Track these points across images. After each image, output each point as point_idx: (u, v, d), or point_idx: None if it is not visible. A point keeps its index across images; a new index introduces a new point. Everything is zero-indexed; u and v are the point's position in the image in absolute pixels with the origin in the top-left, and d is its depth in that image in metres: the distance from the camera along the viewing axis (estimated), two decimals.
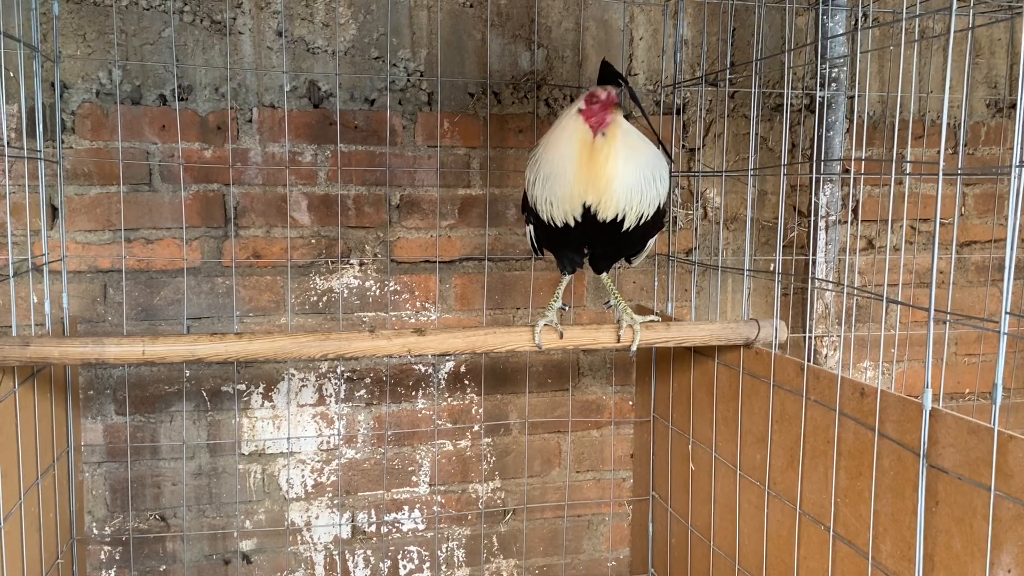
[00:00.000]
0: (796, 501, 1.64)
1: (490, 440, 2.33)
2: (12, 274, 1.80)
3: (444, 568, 2.34)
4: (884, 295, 1.44)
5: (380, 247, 2.18)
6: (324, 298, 2.17)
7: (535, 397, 2.34)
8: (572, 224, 1.60)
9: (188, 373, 2.11)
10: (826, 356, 2.23)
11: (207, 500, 2.15)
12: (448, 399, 2.28)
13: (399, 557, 2.31)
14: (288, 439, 2.18)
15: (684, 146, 2.34)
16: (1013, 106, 2.51)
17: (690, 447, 2.08)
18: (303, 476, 2.21)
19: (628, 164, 1.56)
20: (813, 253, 2.20)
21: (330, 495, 2.23)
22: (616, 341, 1.76)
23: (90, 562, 2.10)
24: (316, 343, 1.64)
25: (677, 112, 2.30)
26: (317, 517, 2.23)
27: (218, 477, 2.16)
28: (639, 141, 1.61)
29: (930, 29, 2.41)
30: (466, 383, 2.29)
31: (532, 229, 1.76)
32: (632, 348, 1.76)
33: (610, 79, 1.60)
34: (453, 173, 2.20)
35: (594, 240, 1.67)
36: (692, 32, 2.29)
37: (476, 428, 2.31)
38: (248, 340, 1.62)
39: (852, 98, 2.15)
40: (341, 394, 2.21)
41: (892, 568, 1.37)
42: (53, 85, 1.93)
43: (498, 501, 2.36)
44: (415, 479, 2.29)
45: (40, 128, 1.86)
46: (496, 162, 2.22)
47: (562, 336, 1.74)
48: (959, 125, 2.37)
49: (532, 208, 1.67)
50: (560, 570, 2.42)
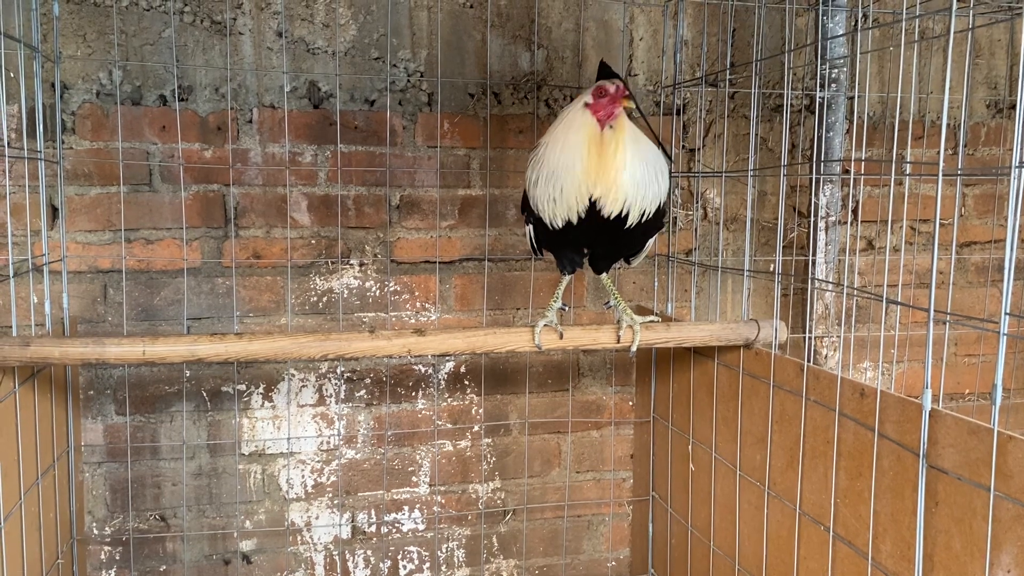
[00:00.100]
0: (796, 501, 1.64)
1: (490, 440, 2.33)
2: (12, 274, 1.80)
3: (444, 568, 2.34)
4: (884, 296, 1.44)
5: (380, 247, 2.18)
6: (324, 298, 2.17)
7: (535, 397, 2.34)
8: (575, 221, 1.60)
9: (188, 373, 2.11)
10: (826, 356, 2.23)
11: (207, 500, 2.16)
12: (448, 399, 2.28)
13: (399, 557, 2.31)
14: (288, 439, 2.18)
15: (684, 146, 2.34)
16: (1013, 107, 2.51)
17: (690, 447, 2.08)
18: (303, 476, 2.21)
19: (635, 158, 1.57)
20: (813, 253, 2.20)
21: (330, 495, 2.23)
22: (616, 341, 1.76)
23: (90, 562, 2.10)
24: (316, 343, 1.64)
25: (677, 113, 2.30)
26: (317, 517, 2.23)
27: (218, 477, 2.16)
28: (644, 137, 1.62)
29: (930, 30, 2.41)
30: (466, 383, 2.29)
31: (532, 229, 1.76)
32: (632, 348, 1.76)
33: (608, 79, 1.61)
34: (453, 173, 2.20)
35: (594, 240, 1.68)
36: (692, 33, 2.29)
37: (476, 428, 2.31)
38: (248, 340, 1.62)
39: (852, 99, 2.15)
40: (341, 394, 2.21)
41: (892, 568, 1.37)
42: (53, 85, 1.93)
43: (498, 501, 2.36)
44: (415, 479, 2.29)
45: (40, 128, 1.86)
46: (496, 163, 2.22)
47: (562, 336, 1.74)
48: (959, 126, 2.37)
49: (533, 208, 1.67)
50: (560, 570, 2.42)
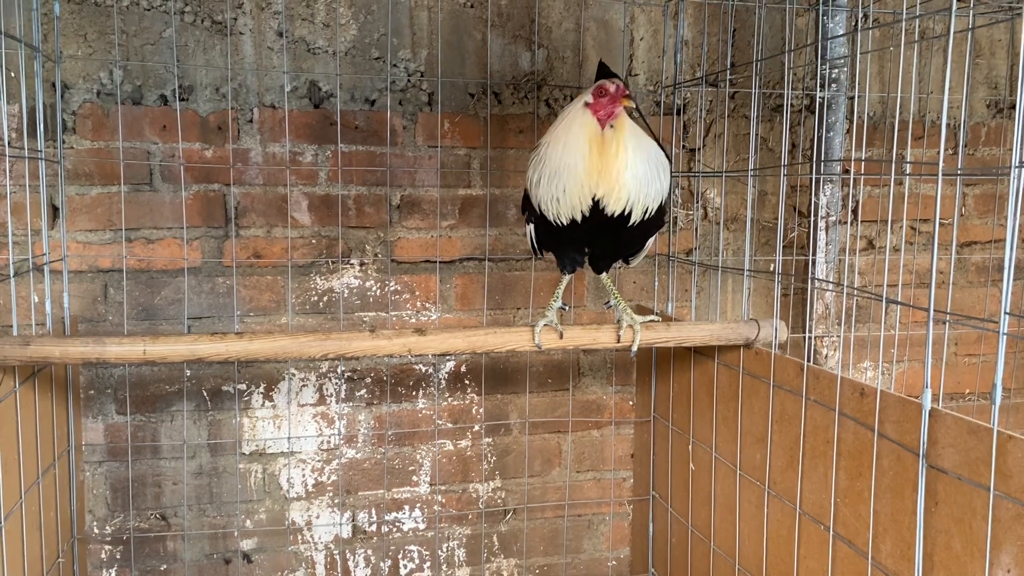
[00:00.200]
0: (796, 501, 1.64)
1: (490, 440, 2.33)
2: (13, 274, 1.81)
3: (445, 567, 2.34)
4: (884, 295, 1.44)
5: (380, 247, 2.18)
6: (325, 298, 2.17)
7: (535, 397, 2.34)
8: (579, 220, 1.60)
9: (189, 373, 2.11)
10: (826, 356, 2.23)
11: (208, 499, 2.16)
12: (448, 399, 2.28)
13: (400, 556, 2.31)
14: (289, 439, 2.19)
15: (684, 146, 2.35)
16: (1013, 107, 2.51)
17: (690, 447, 2.09)
18: (304, 476, 2.21)
19: (637, 156, 1.57)
20: (813, 253, 2.20)
21: (331, 494, 2.24)
22: (616, 341, 1.77)
23: (91, 561, 2.10)
24: (317, 343, 1.64)
25: (677, 112, 2.30)
26: (318, 516, 2.24)
27: (219, 476, 2.16)
28: (644, 135, 1.62)
29: (930, 30, 2.41)
30: (466, 383, 2.29)
31: (533, 229, 1.76)
32: (633, 348, 1.76)
33: (609, 79, 1.61)
34: (453, 173, 2.20)
35: (596, 238, 1.67)
36: (692, 33, 2.29)
37: (476, 428, 2.31)
38: (249, 340, 1.63)
39: (852, 99, 2.15)
40: (342, 394, 2.21)
41: (892, 568, 1.37)
42: (54, 85, 1.93)
43: (499, 501, 2.36)
44: (416, 479, 2.29)
45: (41, 128, 1.86)
46: (496, 162, 2.22)
47: (562, 336, 1.74)
48: (959, 126, 2.37)
49: (535, 207, 1.67)
50: (560, 570, 2.42)
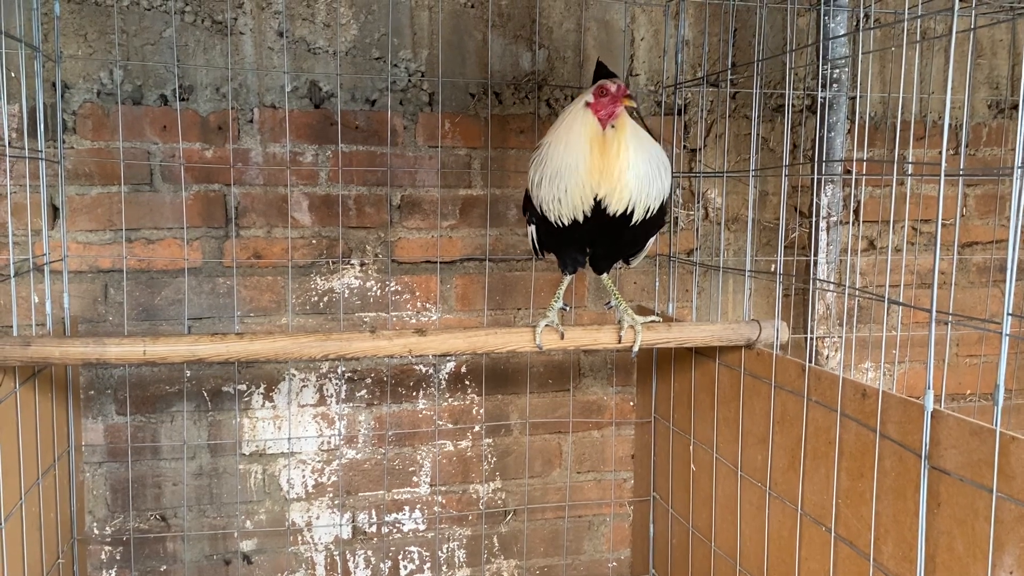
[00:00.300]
0: (797, 502, 1.63)
1: (491, 440, 2.33)
2: (13, 274, 1.80)
3: (445, 568, 2.34)
4: (886, 296, 1.44)
5: (381, 247, 2.18)
6: (325, 298, 2.16)
7: (536, 398, 2.34)
8: (580, 220, 1.60)
9: (189, 373, 2.11)
10: (827, 357, 2.23)
11: (208, 500, 2.15)
12: (449, 399, 2.28)
13: (400, 557, 2.31)
14: (289, 439, 2.18)
15: (685, 147, 2.34)
16: (1015, 107, 2.51)
17: (691, 448, 2.08)
18: (304, 476, 2.21)
19: (639, 155, 1.57)
20: (814, 254, 2.20)
21: (331, 495, 2.23)
22: (617, 342, 1.76)
23: (91, 562, 2.10)
24: (317, 343, 1.64)
25: (678, 113, 2.30)
26: (318, 517, 2.23)
27: (219, 477, 2.16)
28: (645, 134, 1.62)
29: (931, 30, 2.41)
30: (467, 383, 2.29)
31: (534, 230, 1.75)
32: (634, 349, 1.76)
33: (610, 79, 1.61)
34: (454, 173, 2.20)
35: (598, 238, 1.67)
36: (693, 33, 2.29)
37: (477, 428, 2.31)
38: (249, 340, 1.62)
39: (853, 99, 2.14)
40: (342, 394, 2.21)
41: (893, 570, 1.37)
42: (54, 85, 1.93)
43: (499, 501, 2.36)
44: (416, 479, 2.29)
45: (41, 128, 1.86)
46: (497, 162, 2.22)
47: (563, 337, 1.74)
48: (960, 126, 2.36)
49: (537, 208, 1.66)
50: (561, 571, 2.42)
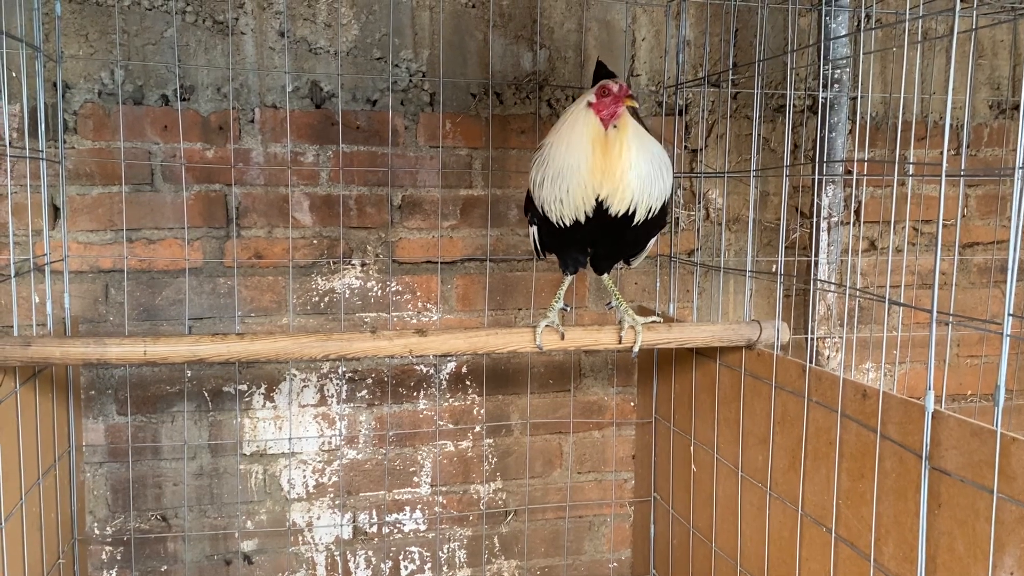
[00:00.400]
0: (798, 503, 1.63)
1: (491, 441, 2.33)
2: (14, 274, 1.80)
3: (445, 569, 2.34)
4: (886, 296, 1.44)
5: (382, 247, 2.18)
6: (326, 298, 2.16)
7: (536, 398, 2.34)
8: (582, 220, 1.60)
9: (190, 373, 2.11)
10: (828, 357, 2.23)
11: (208, 500, 2.15)
12: (449, 400, 2.28)
13: (400, 558, 2.31)
14: (290, 439, 2.18)
15: (686, 147, 2.34)
16: (1016, 107, 2.51)
17: (692, 448, 2.08)
18: (304, 476, 2.21)
19: (641, 155, 1.56)
20: (815, 254, 2.20)
21: (331, 495, 2.23)
22: (618, 342, 1.76)
23: (91, 562, 2.10)
24: (318, 344, 1.64)
25: (679, 113, 2.30)
26: (318, 517, 2.23)
27: (219, 477, 2.16)
28: (646, 134, 1.62)
29: (932, 30, 2.41)
30: (467, 384, 2.29)
31: (535, 230, 1.75)
32: (634, 349, 1.76)
33: (612, 79, 1.61)
34: (455, 174, 2.20)
35: (599, 239, 1.67)
36: (694, 33, 2.29)
37: (477, 429, 2.31)
38: (250, 341, 1.62)
39: (855, 99, 2.14)
40: (343, 395, 2.21)
41: (894, 570, 1.37)
42: (55, 85, 1.93)
43: (499, 502, 2.36)
44: (416, 480, 2.29)
45: (42, 128, 1.86)
46: (498, 163, 2.22)
47: (564, 337, 1.74)
48: (961, 126, 2.36)
49: (539, 208, 1.66)
50: (561, 571, 2.42)
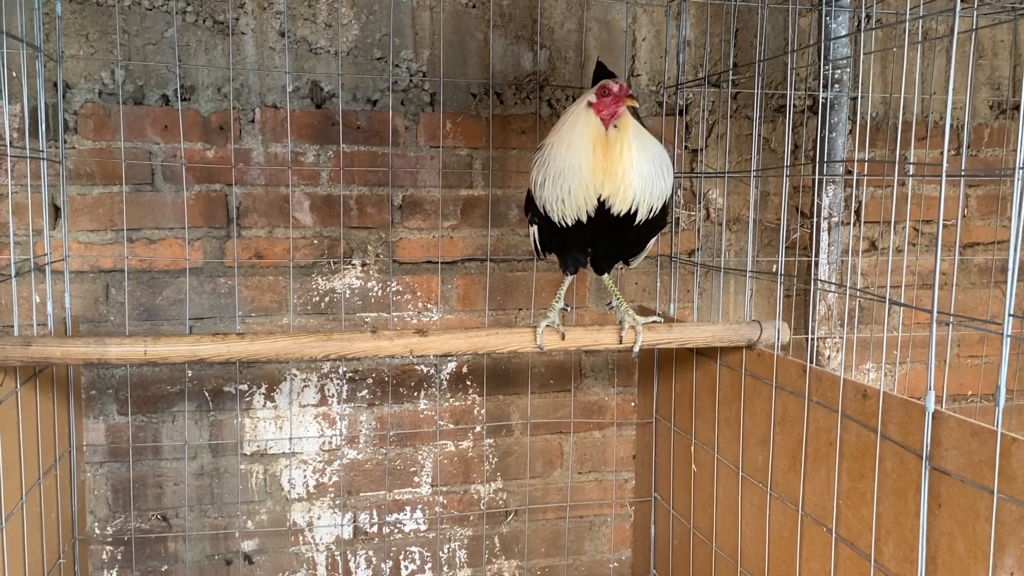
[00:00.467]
0: (798, 503, 1.63)
1: (492, 441, 2.33)
2: (14, 274, 1.80)
3: (446, 569, 2.34)
4: (887, 297, 1.44)
5: (382, 247, 2.18)
6: (326, 298, 2.16)
7: (537, 398, 2.34)
8: (584, 220, 1.60)
9: (190, 373, 2.11)
10: (828, 358, 2.23)
11: (209, 500, 2.16)
12: (450, 400, 2.28)
13: (401, 558, 2.31)
14: (290, 439, 2.18)
15: (687, 147, 2.34)
16: (1016, 107, 2.51)
17: (692, 448, 2.08)
18: (305, 476, 2.21)
19: (642, 155, 1.57)
20: (816, 254, 2.20)
21: (332, 495, 2.23)
22: (618, 342, 1.76)
23: (92, 562, 2.10)
24: (318, 344, 1.64)
25: (680, 113, 2.30)
26: (319, 517, 2.23)
27: (220, 477, 2.16)
28: (647, 133, 1.62)
29: (933, 30, 2.41)
30: (468, 384, 2.29)
31: (536, 230, 1.75)
32: (634, 349, 1.76)
33: (612, 78, 1.61)
34: (455, 174, 2.20)
35: (600, 239, 1.67)
36: (695, 33, 2.29)
37: (478, 429, 2.31)
38: (250, 340, 1.62)
39: (855, 99, 2.14)
40: (343, 394, 2.21)
41: (894, 571, 1.37)
42: (56, 85, 1.93)
43: (500, 502, 2.36)
44: (417, 480, 2.29)
45: (43, 128, 1.86)
46: (498, 163, 2.22)
47: (564, 337, 1.74)
48: (962, 127, 2.36)
49: (540, 209, 1.66)
50: (562, 571, 2.42)
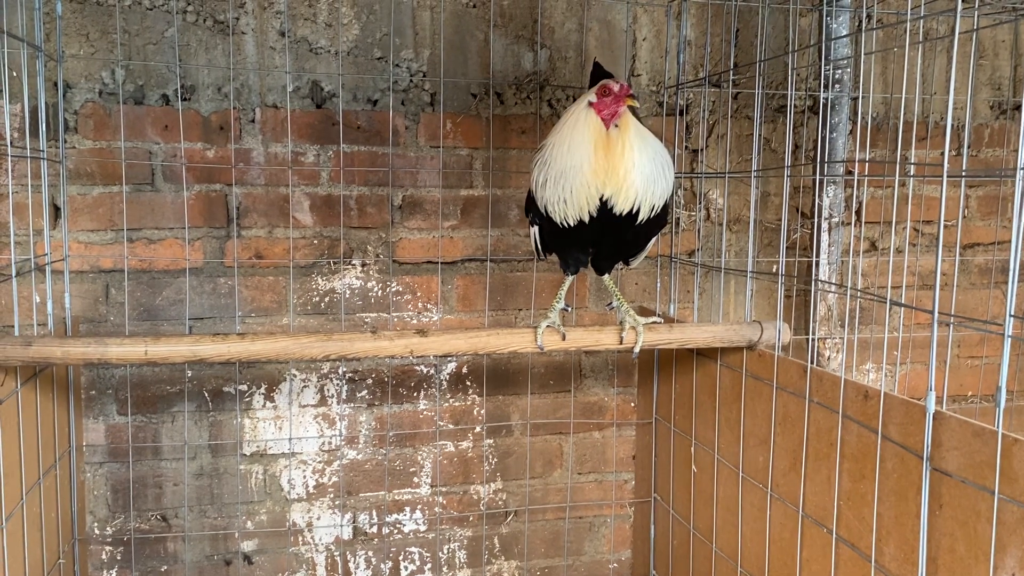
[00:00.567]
0: (799, 504, 1.63)
1: (492, 441, 2.32)
2: (15, 274, 1.80)
3: (445, 569, 2.34)
4: (887, 297, 1.44)
5: (382, 248, 2.18)
6: (326, 299, 2.16)
7: (537, 398, 2.33)
8: (586, 220, 1.60)
9: (190, 373, 2.11)
10: (829, 358, 2.23)
11: (208, 500, 2.15)
12: (450, 400, 2.28)
13: (400, 558, 2.30)
14: (290, 440, 2.18)
15: (687, 147, 2.34)
16: (1017, 108, 2.51)
17: (692, 449, 2.08)
18: (304, 477, 2.21)
19: (643, 154, 1.57)
20: (816, 255, 2.20)
21: (331, 496, 2.23)
22: (619, 343, 1.76)
23: (91, 562, 2.10)
24: (318, 344, 1.64)
25: (680, 113, 2.30)
26: (318, 518, 2.23)
27: (219, 477, 2.16)
28: (648, 133, 1.62)
29: (934, 31, 2.40)
30: (468, 384, 2.29)
31: (537, 231, 1.75)
32: (635, 350, 1.76)
33: (612, 78, 1.61)
34: (455, 174, 2.20)
35: (601, 238, 1.67)
36: (695, 33, 2.28)
37: (478, 429, 2.31)
38: (250, 341, 1.62)
39: (856, 99, 2.14)
40: (343, 395, 2.21)
41: (895, 571, 1.36)
42: (56, 85, 1.93)
43: (500, 502, 2.36)
44: (417, 480, 2.29)
45: (43, 128, 1.86)
46: (499, 163, 2.22)
47: (564, 337, 1.73)
48: (962, 127, 2.36)
49: (542, 209, 1.66)
50: (562, 572, 2.42)
